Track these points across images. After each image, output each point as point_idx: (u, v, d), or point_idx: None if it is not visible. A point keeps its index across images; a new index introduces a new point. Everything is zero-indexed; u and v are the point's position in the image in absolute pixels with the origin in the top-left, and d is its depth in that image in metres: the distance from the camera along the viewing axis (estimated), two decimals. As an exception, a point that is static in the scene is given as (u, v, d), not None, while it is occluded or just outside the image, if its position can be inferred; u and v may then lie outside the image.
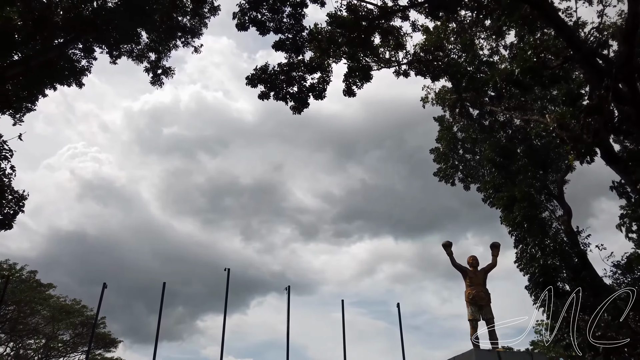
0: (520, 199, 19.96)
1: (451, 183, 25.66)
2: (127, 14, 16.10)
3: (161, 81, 20.40)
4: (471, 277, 11.67)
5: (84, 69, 17.73)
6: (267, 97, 18.89)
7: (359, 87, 19.35)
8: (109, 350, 35.19)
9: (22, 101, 16.12)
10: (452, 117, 24.73)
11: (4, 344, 31.96)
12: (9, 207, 15.29)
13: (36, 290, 31.69)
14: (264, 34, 18.10)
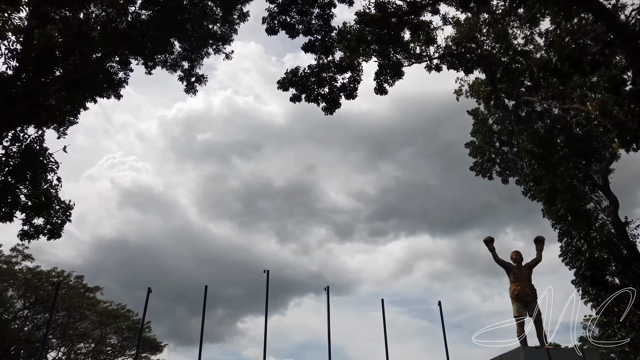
0: (562, 191, 19.33)
1: (488, 177, 25.11)
2: (161, 24, 16.50)
3: (195, 89, 20.83)
4: (515, 273, 11.40)
5: (121, 81, 18.29)
6: (299, 100, 18.97)
7: (391, 84, 19.18)
8: (155, 353, 36.17)
9: (65, 115, 16.76)
10: (487, 110, 24.19)
11: (57, 349, 33.36)
12: (57, 217, 15.91)
13: (84, 296, 32.96)
14: (294, 37, 18.21)
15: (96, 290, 34.12)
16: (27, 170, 14.92)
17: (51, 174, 15.53)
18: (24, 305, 31.73)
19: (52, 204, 15.54)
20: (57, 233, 15.82)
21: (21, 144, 15.15)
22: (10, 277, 30.61)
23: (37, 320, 32.40)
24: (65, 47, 15.61)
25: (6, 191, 14.42)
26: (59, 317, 31.10)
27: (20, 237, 15.49)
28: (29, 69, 14.97)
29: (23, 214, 15.17)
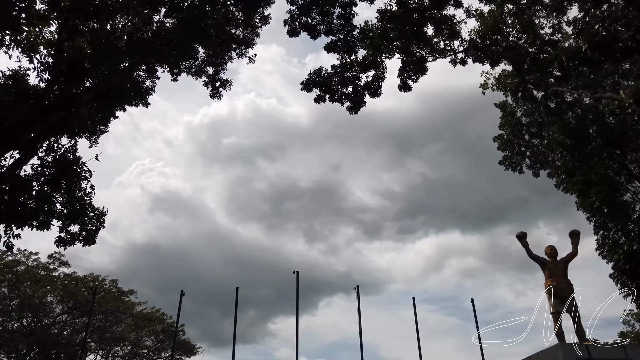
0: (597, 182, 18.77)
1: (519, 171, 24.60)
2: (185, 31, 16.77)
3: (220, 93, 21.09)
4: (550, 268, 11.14)
5: (148, 89, 18.67)
6: (323, 100, 18.98)
7: (415, 80, 19.00)
8: (189, 355, 36.76)
9: (97, 124, 17.23)
10: (514, 102, 23.69)
11: (95, 352, 34.29)
12: (91, 223, 16.35)
13: (119, 300, 33.80)
14: (315, 38, 18.24)
15: (130, 294, 34.95)
16: (61, 179, 15.38)
17: (85, 182, 15.97)
18: (62, 310, 32.76)
19: (86, 212, 15.99)
20: (91, 239, 16.25)
21: (55, 154, 15.63)
22: (48, 283, 31.66)
23: (75, 324, 33.39)
24: (94, 58, 16.03)
25: (43, 200, 14.90)
26: (96, 320, 31.97)
27: (57, 244, 15.99)
28: (61, 80, 15.43)
29: (59, 221, 15.65)
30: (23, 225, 14.43)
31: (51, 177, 15.14)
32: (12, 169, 14.02)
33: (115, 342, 34.70)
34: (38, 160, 15.16)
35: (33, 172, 15.02)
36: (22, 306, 30.85)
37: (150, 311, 35.73)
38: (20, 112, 13.93)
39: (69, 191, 15.55)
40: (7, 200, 14.10)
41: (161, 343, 35.82)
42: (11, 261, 30.41)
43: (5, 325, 31.33)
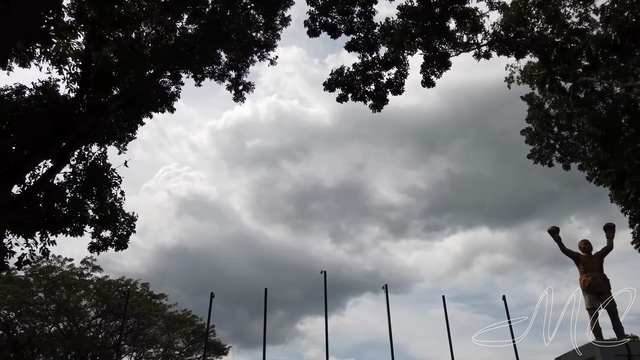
0: (631, 174, 18.18)
1: (548, 164, 24.04)
2: (207, 37, 16.98)
3: (243, 96, 21.26)
4: (585, 262, 10.85)
5: (173, 95, 18.97)
6: (345, 99, 18.95)
7: (438, 76, 18.79)
8: (220, 356, 37.21)
9: (125, 131, 17.61)
10: (542, 94, 23.14)
11: (129, 354, 35.07)
12: (122, 228, 16.73)
13: (151, 303, 34.48)
14: (335, 37, 18.20)
15: (161, 297, 35.61)
16: (93, 186, 15.79)
17: (115, 188, 16.37)
18: (96, 313, 33.62)
19: (117, 217, 16.37)
20: (123, 244, 16.64)
21: (86, 162, 16.06)
22: (82, 287, 32.54)
23: (109, 327, 34.22)
24: (120, 66, 16.40)
25: (76, 207, 15.33)
26: (129, 323, 32.67)
27: (90, 249, 16.43)
28: (89, 90, 15.84)
29: (92, 227, 16.08)
30: (57, 232, 14.88)
31: (83, 185, 15.56)
32: (46, 178, 14.46)
33: (148, 344, 35.40)
34: (70, 168, 15.62)
35: (66, 180, 15.48)
36: (59, 310, 31.79)
37: (181, 313, 36.32)
38: (52, 122, 14.35)
39: (100, 198, 15.95)
40: (42, 208, 14.55)
41: (192, 344, 36.37)
42: (47, 267, 31.34)
43: (43, 329, 32.35)
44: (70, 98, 15.68)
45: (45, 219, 14.32)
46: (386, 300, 15.98)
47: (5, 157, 13.63)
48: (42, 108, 14.90)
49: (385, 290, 16.25)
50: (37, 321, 31.95)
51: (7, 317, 30.85)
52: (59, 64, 15.85)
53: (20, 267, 13.86)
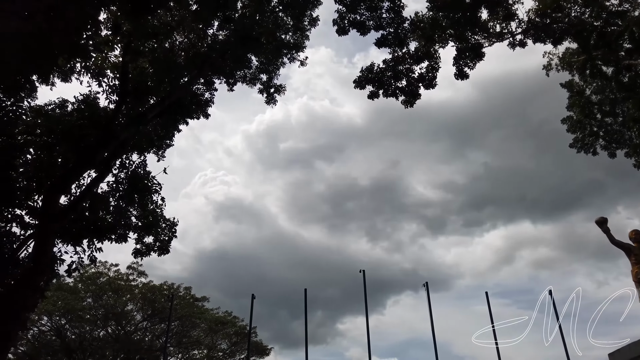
0: (682, 159, 17.25)
1: (592, 152, 23.13)
2: (238, 42, 17.21)
3: (275, 99, 21.41)
4: (637, 254, 10.39)
5: (207, 101, 19.31)
6: (377, 96, 18.80)
7: (471, 67, 18.38)
8: (262, 356, 37.64)
9: (163, 139, 18.08)
10: (582, 80, 22.28)
11: (174, 356, 35.93)
12: (164, 234, 17.18)
13: (194, 305, 35.25)
14: (365, 34, 18.08)
15: (204, 300, 36.36)
16: (134, 193, 16.29)
17: (155, 195, 16.84)
18: (142, 317, 34.62)
19: (159, 223, 16.83)
20: (165, 249, 17.08)
21: (128, 170, 16.57)
22: (128, 292, 33.60)
23: (155, 330, 35.17)
24: (156, 76, 16.83)
25: (120, 215, 15.83)
26: (174, 326, 33.48)
27: (134, 255, 16.95)
28: (128, 101, 16.34)
29: (135, 234, 16.60)
30: (103, 239, 15.41)
31: (125, 193, 16.07)
32: (91, 187, 15.00)
33: (192, 346, 36.20)
34: (113, 177, 16.16)
35: (109, 189, 16.03)
36: (107, 315, 32.93)
37: (223, 315, 36.95)
38: (94, 134, 14.87)
39: (142, 204, 16.43)
40: (88, 216, 15.09)
41: (235, 345, 36.94)
42: (94, 273, 32.54)
43: (92, 334, 33.59)
44: (110, 109, 16.22)
45: (92, 227, 14.85)
46: (427, 298, 15.78)
47: (52, 169, 14.22)
48: (84, 120, 15.47)
49: (426, 287, 16.04)
50: (86, 326, 33.21)
51: (58, 322, 32.19)
52: (98, 77, 16.44)
53: (70, 274, 14.42)
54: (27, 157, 14.58)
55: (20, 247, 12.55)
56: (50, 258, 12.76)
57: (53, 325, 32.07)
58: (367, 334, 15.20)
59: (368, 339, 15.04)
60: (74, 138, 14.57)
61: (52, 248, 12.88)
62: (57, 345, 31.75)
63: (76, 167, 14.28)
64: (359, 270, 17.01)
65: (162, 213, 17.02)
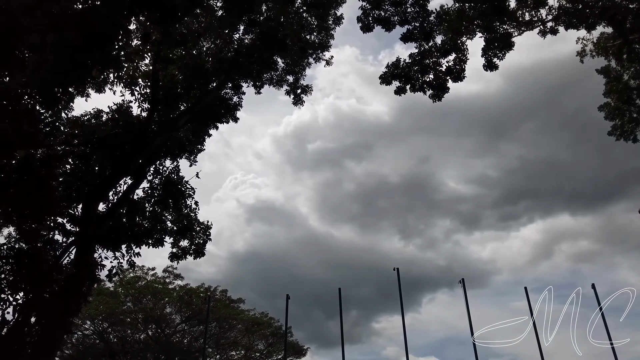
0: None
1: (632, 140, 22.25)
2: (263, 45, 17.34)
3: (302, 100, 21.48)
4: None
5: (236, 105, 19.53)
6: (404, 91, 18.59)
7: (500, 58, 17.95)
8: (299, 356, 37.82)
9: (194, 144, 18.40)
10: (619, 65, 21.43)
11: (213, 357, 36.52)
12: (199, 237, 17.47)
13: (230, 307, 35.74)
14: (390, 30, 17.93)
15: (239, 301, 36.82)
16: (169, 198, 16.63)
17: (189, 199, 17.15)
18: (181, 319, 35.34)
19: (193, 226, 17.13)
20: (201, 252, 17.37)
21: (162, 176, 16.94)
22: (166, 295, 34.36)
23: (193, 332, 35.84)
24: (185, 82, 17.15)
25: (156, 220, 16.20)
26: (211, 328, 34.02)
27: (171, 258, 17.30)
28: (159, 108, 16.71)
29: (171, 238, 16.94)
30: (141, 244, 15.79)
31: (160, 198, 16.42)
32: (127, 194, 15.40)
33: (230, 347, 36.69)
34: (147, 183, 16.55)
35: (144, 195, 16.41)
36: (146, 318, 33.76)
37: (259, 316, 37.32)
38: (128, 141, 15.26)
39: (177, 209, 16.75)
40: (126, 222, 15.50)
41: (271, 346, 37.24)
42: (133, 278, 33.42)
43: (133, 337, 34.50)
44: (143, 117, 16.62)
45: (129, 232, 15.24)
46: (464, 294, 15.50)
47: (90, 177, 14.67)
48: (118, 129, 15.90)
49: (463, 284, 15.76)
50: (128, 329, 34.14)
51: (101, 326, 33.21)
52: (130, 86, 16.88)
53: (110, 279, 14.84)
54: (66, 167, 15.09)
55: (63, 254, 13.00)
56: (91, 264, 13.15)
57: (96, 329, 33.13)
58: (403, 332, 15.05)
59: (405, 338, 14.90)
60: (110, 146, 14.99)
61: (92, 254, 13.29)
62: (101, 348, 32.75)
63: (112, 175, 14.70)
64: (393, 269, 16.87)
65: (196, 217, 17.34)
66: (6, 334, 10.44)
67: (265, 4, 18.16)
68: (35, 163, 13.12)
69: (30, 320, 11.09)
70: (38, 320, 11.12)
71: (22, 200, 12.12)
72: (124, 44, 11.89)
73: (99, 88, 16.47)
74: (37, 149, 13.56)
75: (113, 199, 15.28)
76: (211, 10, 17.56)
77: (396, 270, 16.87)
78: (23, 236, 12.78)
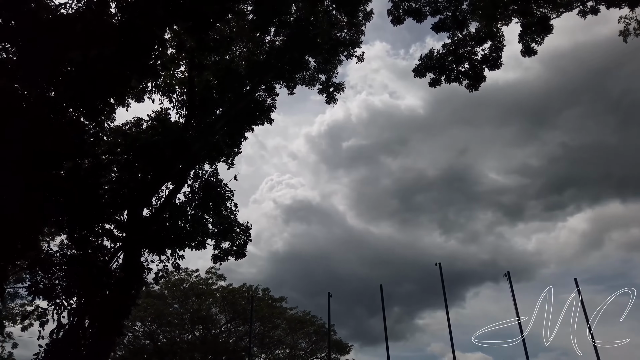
0: None
1: (685, 120, 21.10)
2: (294, 45, 17.44)
3: (335, 98, 21.45)
4: None
5: (270, 107, 19.72)
6: (438, 83, 18.28)
7: (539, 42, 17.37)
8: (343, 354, 37.86)
9: (231, 147, 18.72)
10: (667, 43, 20.32)
11: (258, 356, 37.09)
12: (239, 238, 17.78)
13: (272, 306, 36.21)
14: (421, 21, 17.69)
15: (281, 300, 37.23)
16: (209, 201, 16.98)
17: (229, 201, 17.47)
18: (225, 319, 36.07)
19: (233, 228, 17.45)
20: (242, 253, 17.68)
21: (201, 180, 17.32)
22: (210, 296, 35.16)
23: (238, 332, 36.51)
24: (220, 87, 17.46)
25: (198, 223, 16.58)
26: (255, 327, 34.57)
27: (213, 260, 17.70)
28: (195, 113, 17.08)
29: (212, 240, 17.32)
30: (184, 247, 16.20)
31: (200, 201, 16.79)
32: (169, 199, 15.83)
33: (274, 346, 37.17)
34: (188, 187, 16.95)
35: (185, 199, 16.83)
36: (193, 319, 34.65)
37: (301, 314, 37.62)
38: (168, 148, 15.68)
39: (217, 212, 17.09)
40: (169, 226, 15.94)
41: (315, 344, 37.47)
42: (178, 280, 34.37)
43: (181, 337, 35.49)
44: (181, 123, 17.04)
45: (172, 236, 15.65)
46: (510, 288, 15.10)
47: (133, 184, 15.16)
48: (158, 136, 16.36)
49: (508, 277, 15.35)
50: (175, 330, 35.14)
51: (150, 327, 34.33)
52: (168, 94, 17.35)
53: (157, 282, 15.29)
54: (112, 176, 15.67)
55: (112, 258, 13.50)
56: (138, 267, 13.60)
57: (146, 330, 34.27)
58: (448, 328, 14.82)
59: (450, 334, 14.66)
60: (151, 153, 15.45)
61: (139, 258, 13.75)
62: (151, 349, 33.85)
63: (154, 181, 15.14)
64: (435, 264, 16.64)
65: (236, 218, 17.65)
66: (62, 337, 10.96)
67: (295, 5, 18.25)
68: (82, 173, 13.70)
69: (84, 323, 11.59)
70: (91, 323, 11.61)
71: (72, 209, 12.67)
72: (160, 53, 12.22)
73: (139, 97, 17.03)
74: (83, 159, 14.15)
75: (156, 204, 15.73)
76: (242, 15, 17.79)
77: (438, 265, 16.64)
78: (74, 243, 13.36)
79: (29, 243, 11.30)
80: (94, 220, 13.73)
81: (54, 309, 11.26)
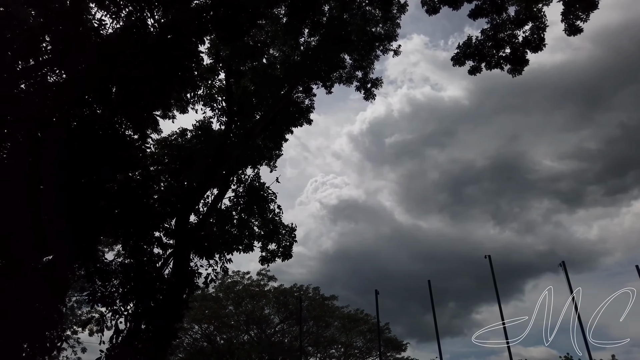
0: None
1: None
2: (329, 44, 17.44)
3: (373, 94, 21.26)
4: None
5: (308, 108, 19.83)
6: (479, 70, 17.74)
7: (584, 20, 16.48)
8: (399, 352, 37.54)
9: (272, 150, 18.98)
10: None
11: (313, 355, 37.41)
12: (285, 239, 17.99)
13: (324, 305, 36.42)
14: (457, 8, 17.17)
15: (333, 299, 37.36)
16: (253, 205, 17.30)
17: (272, 204, 17.72)
18: (279, 319, 36.64)
19: (279, 230, 17.68)
20: (288, 254, 17.89)
21: (244, 184, 17.67)
22: (262, 297, 35.82)
23: (292, 332, 36.99)
24: (258, 91, 17.76)
25: (244, 226, 16.94)
26: (309, 326, 34.91)
27: (261, 262, 18.01)
28: (235, 119, 17.45)
29: (259, 242, 17.64)
30: (232, 251, 16.60)
31: (245, 205, 17.14)
32: (215, 204, 16.26)
33: (329, 345, 37.36)
34: (232, 192, 17.36)
35: (231, 204, 17.23)
36: (247, 321, 35.44)
37: (354, 313, 37.59)
38: (211, 154, 16.12)
39: (262, 214, 17.39)
40: (216, 231, 16.38)
41: (370, 342, 37.34)
42: (231, 282, 35.26)
43: (237, 338, 36.39)
44: (222, 130, 17.46)
45: (220, 240, 16.07)
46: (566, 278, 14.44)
47: (180, 192, 15.69)
48: (201, 145, 16.86)
49: (564, 267, 14.70)
50: (231, 331, 36.07)
51: (207, 329, 35.42)
52: (209, 103, 17.85)
53: (207, 285, 15.72)
54: (160, 185, 16.28)
55: (163, 265, 14.03)
56: (188, 272, 14.06)
57: (203, 332, 35.39)
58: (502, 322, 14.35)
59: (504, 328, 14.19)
60: (195, 161, 15.94)
61: (188, 263, 14.20)
62: (209, 350, 34.92)
63: (200, 187, 15.60)
64: (484, 256, 16.16)
65: (281, 220, 17.87)
66: (121, 342, 11.52)
67: (327, 4, 18.25)
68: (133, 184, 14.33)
69: (140, 328, 12.12)
70: (147, 328, 12.12)
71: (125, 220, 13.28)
72: (196, 64, 12.57)
73: (183, 109, 17.64)
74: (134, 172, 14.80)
75: (203, 210, 16.21)
76: (275, 19, 18.01)
77: (488, 257, 16.15)
78: (128, 252, 13.99)
79: (88, 253, 11.95)
80: (146, 230, 14.31)
81: (112, 315, 11.85)
